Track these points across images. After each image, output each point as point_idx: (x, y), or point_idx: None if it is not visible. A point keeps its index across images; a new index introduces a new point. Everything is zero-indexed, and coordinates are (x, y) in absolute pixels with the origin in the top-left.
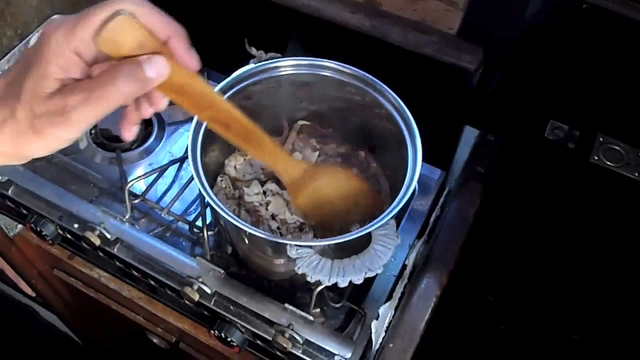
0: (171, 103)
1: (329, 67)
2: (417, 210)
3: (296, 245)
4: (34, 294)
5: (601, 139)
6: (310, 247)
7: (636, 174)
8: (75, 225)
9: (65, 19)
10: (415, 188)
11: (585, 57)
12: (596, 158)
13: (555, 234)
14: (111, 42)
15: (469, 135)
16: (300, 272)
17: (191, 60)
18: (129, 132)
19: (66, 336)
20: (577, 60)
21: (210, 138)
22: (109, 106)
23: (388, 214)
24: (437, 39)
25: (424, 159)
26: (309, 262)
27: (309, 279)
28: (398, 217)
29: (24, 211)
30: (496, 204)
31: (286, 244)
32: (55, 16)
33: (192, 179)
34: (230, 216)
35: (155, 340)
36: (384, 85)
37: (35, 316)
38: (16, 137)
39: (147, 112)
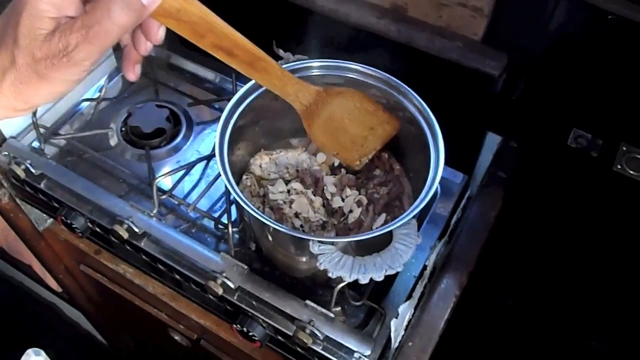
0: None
1: (355, 70)
2: (438, 214)
3: (319, 241)
4: (60, 290)
5: (624, 148)
6: (333, 243)
7: None
8: (105, 219)
9: None
10: (437, 190)
11: (609, 68)
12: (619, 167)
13: (577, 242)
14: None
15: (492, 141)
16: (322, 267)
17: None
18: (132, 72)
19: (90, 335)
20: (601, 70)
21: (236, 137)
22: (110, 40)
23: (409, 213)
24: (461, 45)
25: (447, 163)
26: (331, 258)
27: (330, 274)
28: (420, 219)
29: (56, 204)
30: (518, 209)
31: (309, 240)
32: None
33: (218, 176)
34: (255, 211)
35: (177, 338)
36: (408, 88)
37: (60, 315)
38: (19, 85)
39: (145, 46)
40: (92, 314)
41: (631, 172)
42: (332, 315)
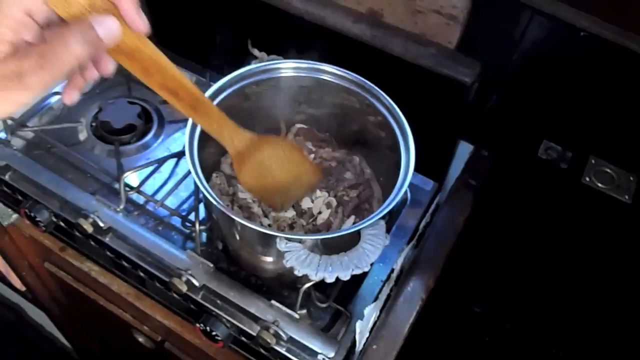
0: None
1: (328, 72)
2: (408, 219)
3: (286, 238)
4: (23, 289)
5: (593, 161)
6: (300, 241)
7: (626, 197)
8: (70, 213)
9: None
10: (407, 196)
11: (580, 82)
12: (587, 179)
13: (544, 251)
14: (61, 1)
15: (464, 151)
16: (288, 265)
17: (141, 22)
18: (70, 96)
19: (53, 337)
20: (573, 84)
21: (207, 135)
22: (64, 69)
23: (378, 213)
24: (435, 52)
25: (418, 170)
26: (298, 255)
27: (296, 272)
28: (389, 224)
29: (20, 197)
30: (486, 216)
31: (276, 238)
32: None
33: (187, 174)
34: (223, 207)
35: (141, 340)
36: (380, 91)
37: (23, 317)
38: None
39: (93, 75)
40: (56, 315)
41: (599, 184)
42: (297, 316)
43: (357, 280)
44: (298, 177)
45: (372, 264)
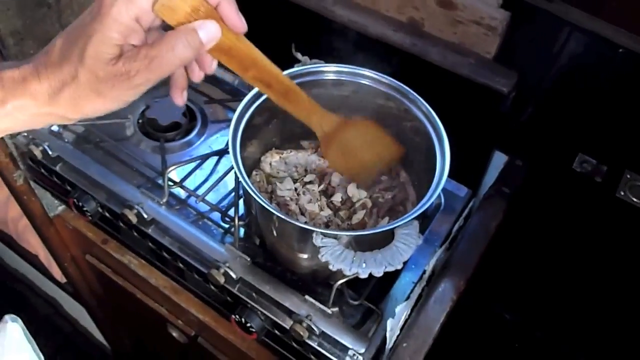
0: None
1: (367, 76)
2: (441, 224)
3: (322, 233)
4: (64, 280)
5: (628, 176)
6: (335, 237)
7: None
8: (115, 204)
9: None
10: (441, 202)
11: (617, 98)
12: (622, 193)
13: (575, 262)
14: (168, 9)
15: (499, 160)
16: (323, 259)
17: (239, 22)
18: (181, 98)
19: (87, 332)
20: (610, 99)
21: (249, 134)
22: (169, 70)
23: (412, 213)
24: (473, 61)
25: (453, 177)
26: (333, 251)
27: (331, 267)
28: (423, 227)
29: (69, 187)
30: (519, 225)
31: (312, 233)
32: None
33: (228, 171)
34: (263, 201)
35: (174, 334)
36: (417, 96)
37: (60, 311)
38: (76, 99)
39: (198, 75)
40: (93, 308)
41: (634, 199)
42: (329, 311)
43: (389, 280)
44: (380, 153)
45: (404, 263)
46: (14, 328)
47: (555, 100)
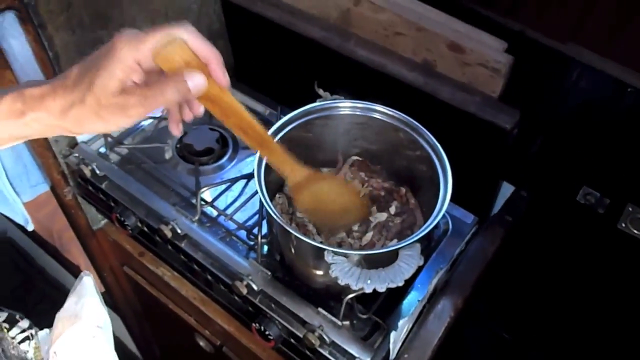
0: None
1: (379, 111)
2: (448, 248)
3: (333, 251)
4: (102, 290)
5: (630, 209)
6: (345, 255)
7: None
8: (153, 220)
9: (133, 35)
10: (449, 227)
11: (623, 134)
12: (623, 225)
13: (575, 289)
14: (165, 59)
15: (508, 191)
16: (333, 275)
17: (224, 79)
18: (177, 129)
19: (120, 342)
20: (616, 135)
21: None
22: (157, 107)
23: (415, 236)
24: (480, 100)
25: (463, 205)
26: (342, 267)
27: (339, 281)
28: (430, 251)
29: (112, 203)
30: (521, 251)
31: (324, 250)
32: (126, 30)
33: (254, 194)
34: (283, 222)
35: (202, 344)
36: (423, 129)
37: None
38: (80, 118)
39: (188, 115)
40: (128, 317)
41: (635, 231)
42: (339, 323)
43: (397, 298)
44: (348, 210)
45: (406, 281)
46: (89, 280)
47: (562, 136)
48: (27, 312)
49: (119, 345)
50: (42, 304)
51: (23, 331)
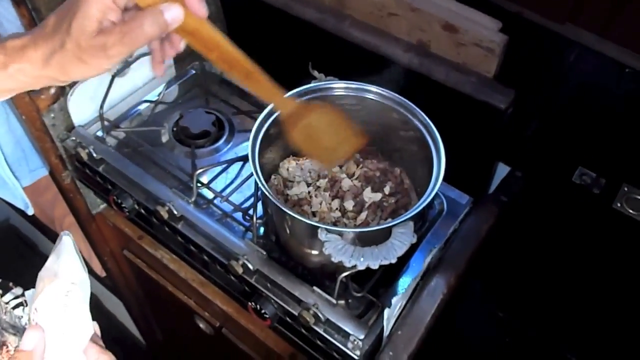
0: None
1: (374, 92)
2: (442, 228)
3: (326, 229)
4: (103, 274)
5: (626, 189)
6: (339, 233)
7: None
8: (150, 201)
9: None
10: (444, 208)
11: (620, 115)
12: (619, 205)
13: (570, 267)
14: None
15: (503, 172)
16: (326, 252)
17: (200, 8)
18: (160, 69)
19: (123, 327)
20: (613, 116)
21: (268, 142)
22: (138, 44)
23: (407, 214)
24: (475, 80)
25: (459, 185)
26: (335, 245)
27: (333, 259)
28: (425, 231)
29: (110, 186)
30: (516, 231)
31: (318, 228)
32: None
33: (250, 176)
34: (277, 202)
35: (201, 325)
36: (417, 108)
37: (100, 306)
38: (63, 64)
39: (169, 52)
40: (129, 301)
41: (630, 210)
42: (334, 301)
43: (392, 277)
44: (344, 139)
45: (399, 259)
46: (67, 240)
47: (558, 116)
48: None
49: (120, 330)
50: None
51: (16, 297)
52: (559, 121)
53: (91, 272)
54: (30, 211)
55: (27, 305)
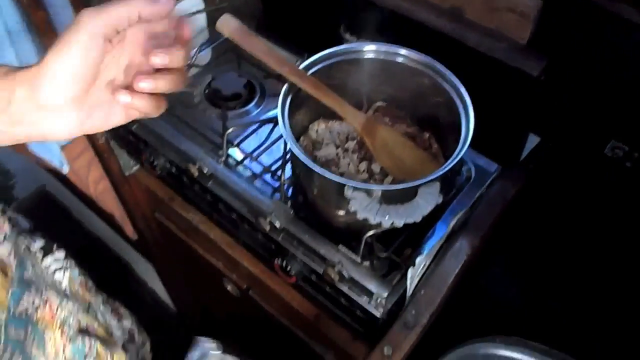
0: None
1: (402, 54)
2: (470, 194)
3: (353, 187)
4: (135, 237)
5: None
6: (365, 190)
7: None
8: (181, 160)
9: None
10: (472, 174)
11: None
12: None
13: (596, 241)
14: None
15: (534, 143)
16: (352, 209)
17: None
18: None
19: (154, 292)
20: None
21: (298, 103)
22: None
23: (435, 174)
24: (507, 46)
25: (488, 154)
26: (361, 202)
27: (358, 216)
28: (453, 196)
29: (142, 146)
30: (542, 199)
31: (344, 185)
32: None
33: (279, 137)
34: (305, 159)
35: (229, 287)
36: (447, 71)
37: (132, 272)
38: None
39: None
40: (160, 264)
41: None
42: (358, 260)
43: (417, 239)
44: (423, 163)
45: (425, 223)
46: None
47: (592, 88)
48: None
49: (152, 297)
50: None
51: (57, 261)
52: (593, 93)
53: (123, 235)
54: (65, 169)
55: (68, 270)
